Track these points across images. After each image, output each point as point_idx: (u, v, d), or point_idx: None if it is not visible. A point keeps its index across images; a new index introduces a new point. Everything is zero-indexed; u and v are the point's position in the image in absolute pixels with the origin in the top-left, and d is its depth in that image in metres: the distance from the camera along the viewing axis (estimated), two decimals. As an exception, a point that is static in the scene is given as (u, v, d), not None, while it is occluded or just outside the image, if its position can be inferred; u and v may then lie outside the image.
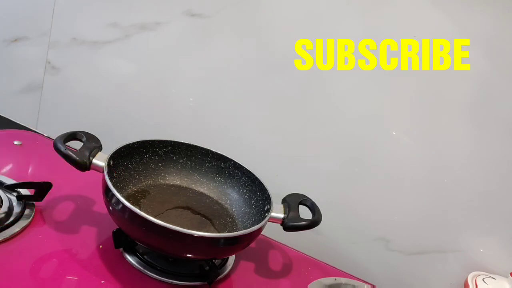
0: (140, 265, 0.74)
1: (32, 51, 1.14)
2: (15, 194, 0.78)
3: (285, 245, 0.91)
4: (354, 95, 0.92)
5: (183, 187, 0.88)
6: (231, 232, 0.79)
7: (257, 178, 0.84)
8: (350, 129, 0.94)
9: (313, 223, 0.77)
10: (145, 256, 0.76)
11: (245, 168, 0.86)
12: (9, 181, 0.81)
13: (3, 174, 0.84)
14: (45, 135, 1.05)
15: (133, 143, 0.82)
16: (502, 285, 0.85)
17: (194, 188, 0.88)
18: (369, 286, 0.86)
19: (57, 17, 1.10)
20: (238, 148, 0.94)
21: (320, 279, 0.83)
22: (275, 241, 0.91)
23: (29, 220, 0.75)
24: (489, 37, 0.82)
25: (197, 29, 0.99)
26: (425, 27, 0.85)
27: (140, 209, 0.67)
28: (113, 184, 0.70)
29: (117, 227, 0.74)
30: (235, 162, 0.87)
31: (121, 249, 0.75)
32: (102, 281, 0.69)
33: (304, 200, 0.82)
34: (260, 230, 0.74)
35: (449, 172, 0.89)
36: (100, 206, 0.83)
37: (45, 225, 0.76)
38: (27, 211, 0.76)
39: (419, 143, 0.90)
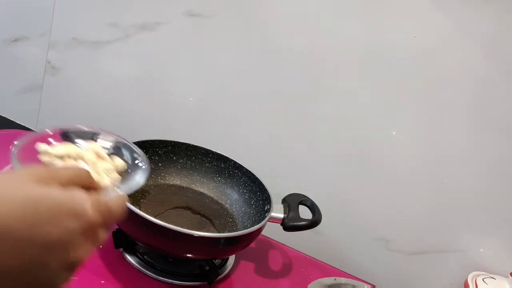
0: (140, 265, 0.74)
1: (32, 51, 1.14)
2: (15, 194, 0.77)
3: (285, 245, 0.91)
4: (354, 95, 0.92)
5: (183, 187, 0.88)
6: (231, 232, 0.79)
7: (257, 178, 0.84)
8: (350, 129, 0.94)
9: (313, 223, 0.77)
10: (145, 256, 0.76)
11: (245, 168, 0.86)
12: (9, 181, 0.81)
13: (3, 174, 0.84)
14: (45, 135, 1.05)
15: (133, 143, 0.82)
16: (502, 285, 0.85)
17: (194, 188, 0.88)
18: (369, 286, 0.86)
19: (57, 17, 1.10)
20: (238, 148, 0.94)
21: (320, 279, 0.83)
22: (275, 241, 0.91)
23: (29, 220, 0.74)
24: (489, 37, 0.82)
25: (197, 29, 0.99)
26: (425, 27, 0.85)
27: (140, 209, 0.67)
28: (113, 184, 0.70)
29: (117, 227, 0.74)
30: (235, 162, 0.87)
31: (121, 249, 0.75)
32: (102, 281, 0.69)
33: (304, 200, 0.82)
34: (260, 230, 0.74)
35: (449, 172, 0.89)
36: (100, 206, 0.83)
37: (45, 225, 0.76)
38: (27, 211, 0.76)
39: (419, 143, 0.90)
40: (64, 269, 0.34)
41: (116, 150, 0.56)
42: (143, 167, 0.53)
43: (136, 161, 0.55)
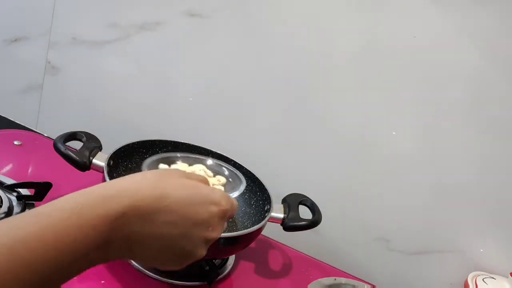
0: (140, 265, 0.74)
1: (32, 51, 1.13)
2: (15, 194, 0.78)
3: (285, 245, 0.91)
4: (354, 95, 0.92)
5: (183, 187, 0.88)
6: (231, 232, 0.79)
7: (257, 178, 0.84)
8: (350, 128, 0.94)
9: (313, 223, 0.77)
10: (145, 256, 0.75)
11: (245, 168, 0.86)
12: (9, 181, 0.81)
13: (3, 174, 0.84)
14: (45, 135, 1.05)
15: (133, 143, 0.82)
16: (502, 285, 0.85)
17: (194, 188, 0.88)
18: (369, 286, 0.86)
19: (57, 17, 1.10)
20: (238, 148, 0.94)
21: (320, 279, 0.83)
22: (275, 241, 0.91)
23: (29, 220, 0.74)
24: (489, 37, 0.82)
25: (197, 29, 0.99)
26: (425, 27, 0.85)
27: (140, 209, 0.66)
28: (113, 184, 0.70)
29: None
30: (235, 162, 0.87)
31: (121, 249, 0.75)
32: (102, 281, 0.69)
33: (304, 200, 0.82)
34: (260, 230, 0.74)
35: (449, 172, 0.89)
36: (100, 206, 0.83)
37: (45, 225, 0.76)
38: (27, 211, 0.76)
39: (419, 143, 0.90)
40: (203, 242, 0.45)
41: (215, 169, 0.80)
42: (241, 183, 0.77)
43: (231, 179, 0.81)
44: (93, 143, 0.76)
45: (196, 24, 0.99)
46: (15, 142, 0.96)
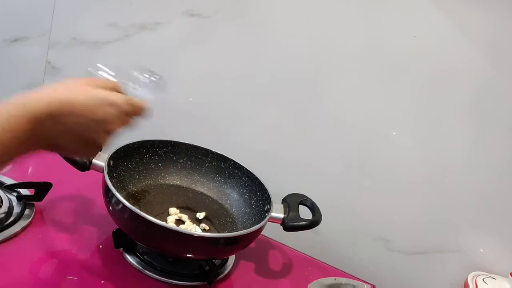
0: (140, 265, 0.74)
1: (32, 51, 1.14)
2: (15, 194, 0.78)
3: (285, 245, 0.91)
4: (354, 95, 0.92)
5: (183, 187, 0.88)
6: (231, 232, 0.79)
7: (257, 178, 0.84)
8: (350, 129, 0.94)
9: (313, 223, 0.77)
10: (145, 256, 0.76)
11: (245, 168, 0.86)
12: (9, 181, 0.81)
13: (3, 174, 0.84)
14: (45, 135, 1.05)
15: (133, 143, 0.82)
16: (502, 285, 0.85)
17: (194, 188, 0.88)
18: (369, 286, 0.86)
19: (57, 17, 1.10)
20: (238, 148, 0.94)
21: (320, 279, 0.83)
22: (275, 241, 0.91)
23: (29, 220, 0.75)
24: (489, 37, 0.82)
25: (197, 29, 0.99)
26: (425, 27, 0.85)
27: (140, 209, 0.67)
28: (113, 184, 0.70)
29: (117, 227, 0.74)
30: (235, 162, 0.87)
31: (121, 249, 0.75)
32: (102, 281, 0.69)
33: (304, 200, 0.82)
34: (260, 230, 0.74)
35: (449, 172, 0.89)
36: (100, 206, 0.83)
37: (45, 225, 0.76)
38: (27, 211, 0.76)
39: (419, 143, 0.90)
40: (105, 134, 0.58)
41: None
42: (157, 81, 0.79)
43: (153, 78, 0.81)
44: (93, 143, 0.76)
45: (196, 24, 0.99)
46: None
